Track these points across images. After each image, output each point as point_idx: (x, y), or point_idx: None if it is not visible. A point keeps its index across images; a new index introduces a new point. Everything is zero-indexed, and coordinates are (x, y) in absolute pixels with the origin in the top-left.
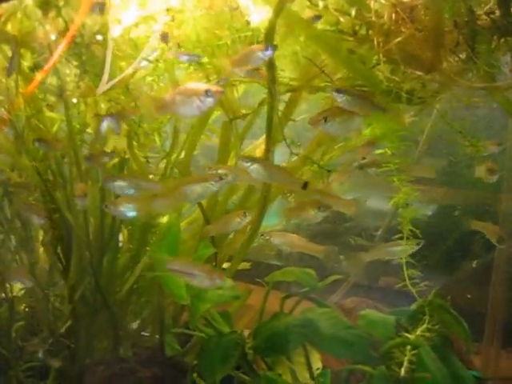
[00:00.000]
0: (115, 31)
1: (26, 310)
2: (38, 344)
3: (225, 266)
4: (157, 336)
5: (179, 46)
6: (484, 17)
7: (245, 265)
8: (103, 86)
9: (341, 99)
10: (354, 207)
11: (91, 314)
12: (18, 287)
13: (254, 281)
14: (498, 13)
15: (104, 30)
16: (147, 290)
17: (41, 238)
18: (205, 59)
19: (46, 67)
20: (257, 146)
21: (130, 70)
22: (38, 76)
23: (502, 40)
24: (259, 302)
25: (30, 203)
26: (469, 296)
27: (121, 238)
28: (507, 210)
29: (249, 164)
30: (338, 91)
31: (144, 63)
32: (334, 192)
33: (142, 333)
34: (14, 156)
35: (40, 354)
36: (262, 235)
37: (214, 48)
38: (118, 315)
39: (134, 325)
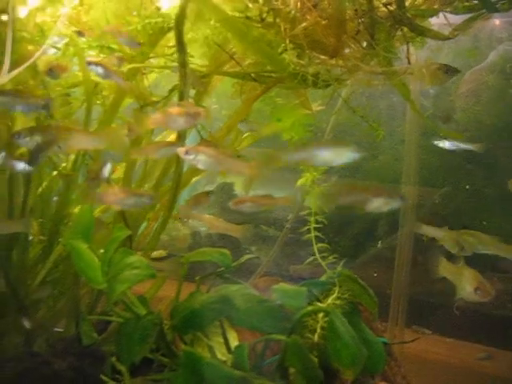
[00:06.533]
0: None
1: None
2: None
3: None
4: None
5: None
6: (382, 8)
7: (161, 253)
8: (5, 77)
9: None
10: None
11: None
12: None
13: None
14: (394, 5)
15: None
16: (61, 281)
17: None
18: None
19: None
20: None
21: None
22: None
23: (398, 29)
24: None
25: None
26: (375, 274)
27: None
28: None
29: None
30: None
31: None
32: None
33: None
34: None
35: None
36: (180, 218)
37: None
38: (30, 309)
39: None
